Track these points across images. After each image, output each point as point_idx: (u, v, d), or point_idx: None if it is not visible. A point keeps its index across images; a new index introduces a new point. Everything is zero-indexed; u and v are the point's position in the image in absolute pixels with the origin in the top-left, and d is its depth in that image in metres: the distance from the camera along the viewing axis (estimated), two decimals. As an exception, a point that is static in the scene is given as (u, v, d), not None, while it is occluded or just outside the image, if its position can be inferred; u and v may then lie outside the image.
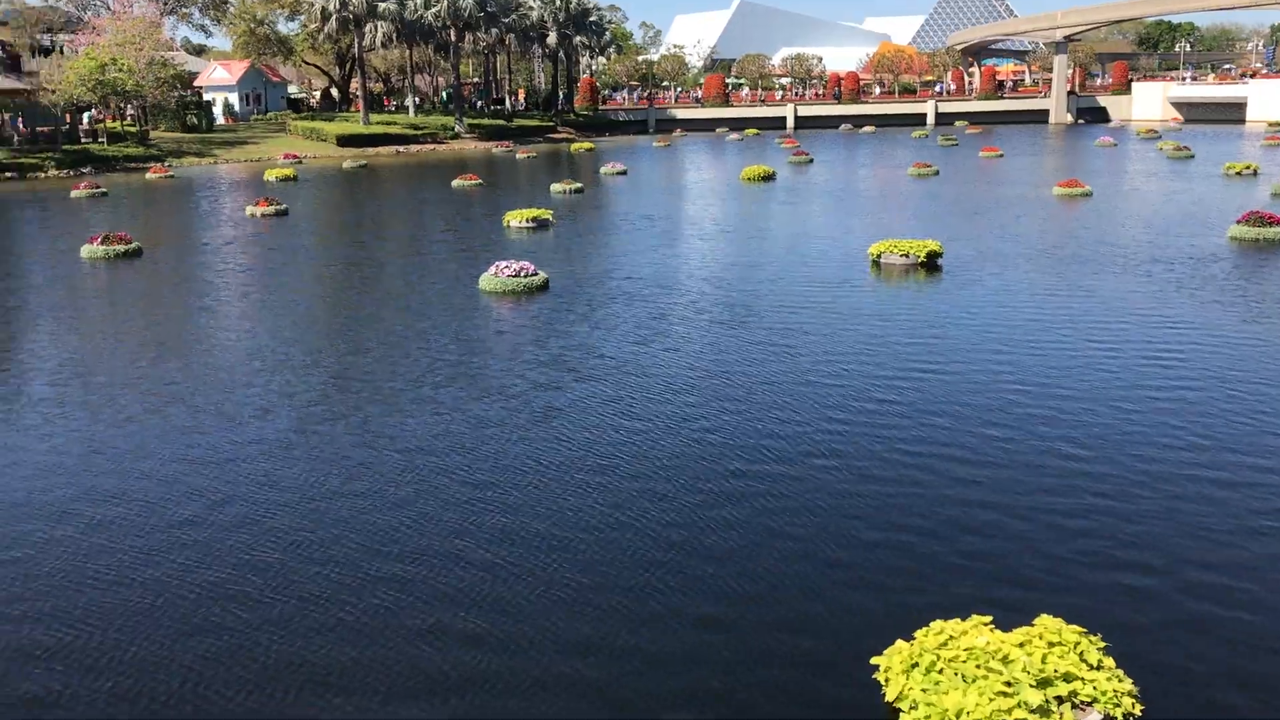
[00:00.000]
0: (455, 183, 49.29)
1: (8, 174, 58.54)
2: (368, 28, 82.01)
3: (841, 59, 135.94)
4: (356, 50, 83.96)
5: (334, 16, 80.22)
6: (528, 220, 33.08)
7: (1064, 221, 32.43)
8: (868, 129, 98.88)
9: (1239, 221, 26.94)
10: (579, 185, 45.86)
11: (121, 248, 28.15)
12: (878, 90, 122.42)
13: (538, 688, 7.35)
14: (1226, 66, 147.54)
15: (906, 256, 23.73)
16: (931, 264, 23.73)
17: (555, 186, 45.55)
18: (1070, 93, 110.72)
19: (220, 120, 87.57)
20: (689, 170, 62.20)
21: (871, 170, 56.61)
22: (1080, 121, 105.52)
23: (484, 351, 17.27)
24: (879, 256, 24.11)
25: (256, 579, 9.06)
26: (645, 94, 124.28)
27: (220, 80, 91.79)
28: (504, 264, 22.38)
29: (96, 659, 7.84)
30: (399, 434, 12.92)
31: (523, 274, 22.04)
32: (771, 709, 7.10)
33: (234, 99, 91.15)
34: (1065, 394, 13.78)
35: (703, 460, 11.72)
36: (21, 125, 67.55)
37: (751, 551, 9.40)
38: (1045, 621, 7.12)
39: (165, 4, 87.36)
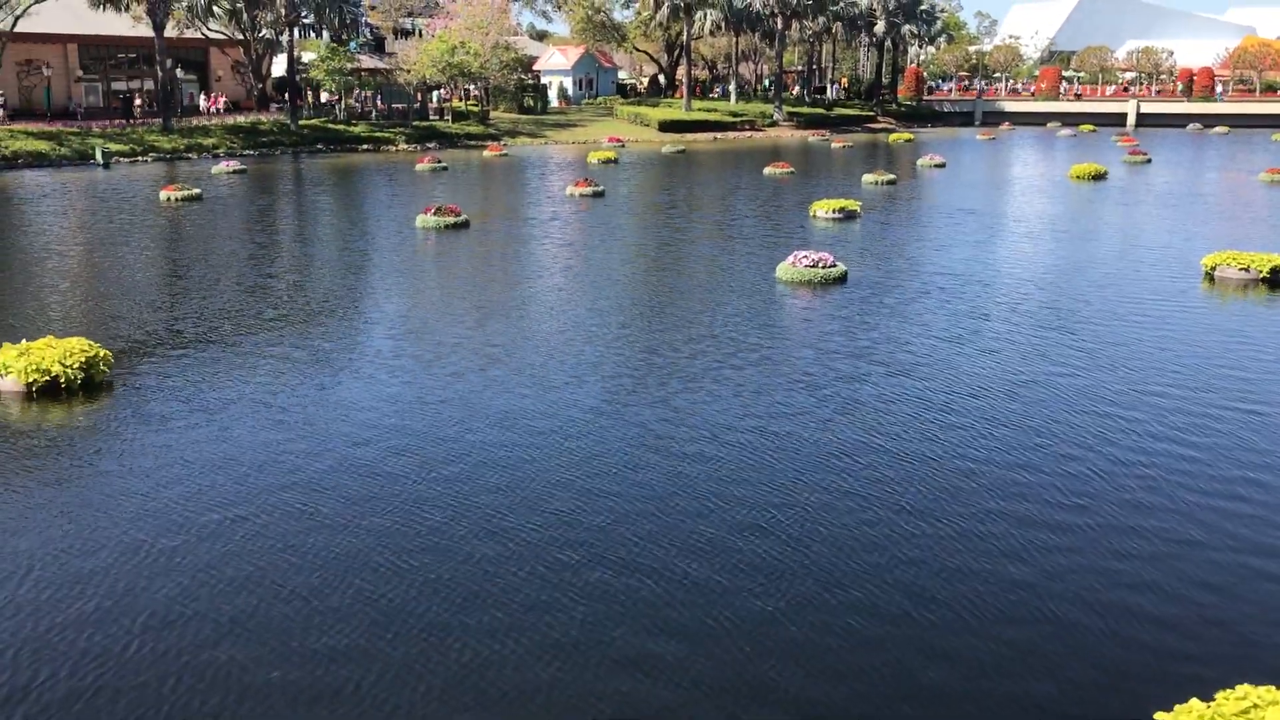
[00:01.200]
0: (767, 170, 49.63)
1: (364, 146, 64.56)
2: (698, 15, 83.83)
3: (1197, 53, 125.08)
4: (685, 37, 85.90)
5: (666, 4, 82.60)
6: (835, 211, 32.90)
7: None
8: (1219, 129, 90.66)
9: None
10: (892, 177, 45.01)
11: (451, 219, 30.44)
12: (1237, 87, 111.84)
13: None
14: None
15: (1246, 270, 21.74)
16: (1276, 280, 21.63)
17: (867, 177, 44.94)
18: None
19: (554, 103, 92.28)
20: (1012, 165, 59.61)
21: (1217, 174, 51.97)
22: None
23: (777, 339, 17.45)
24: (1214, 269, 22.23)
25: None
26: (972, 85, 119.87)
27: (556, 65, 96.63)
28: (803, 254, 22.43)
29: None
30: (695, 409, 13.38)
31: (821, 265, 22.01)
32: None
33: (568, 83, 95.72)
34: None
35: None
36: (380, 102, 74.20)
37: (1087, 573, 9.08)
38: None
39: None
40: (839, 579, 8.82)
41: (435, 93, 78.87)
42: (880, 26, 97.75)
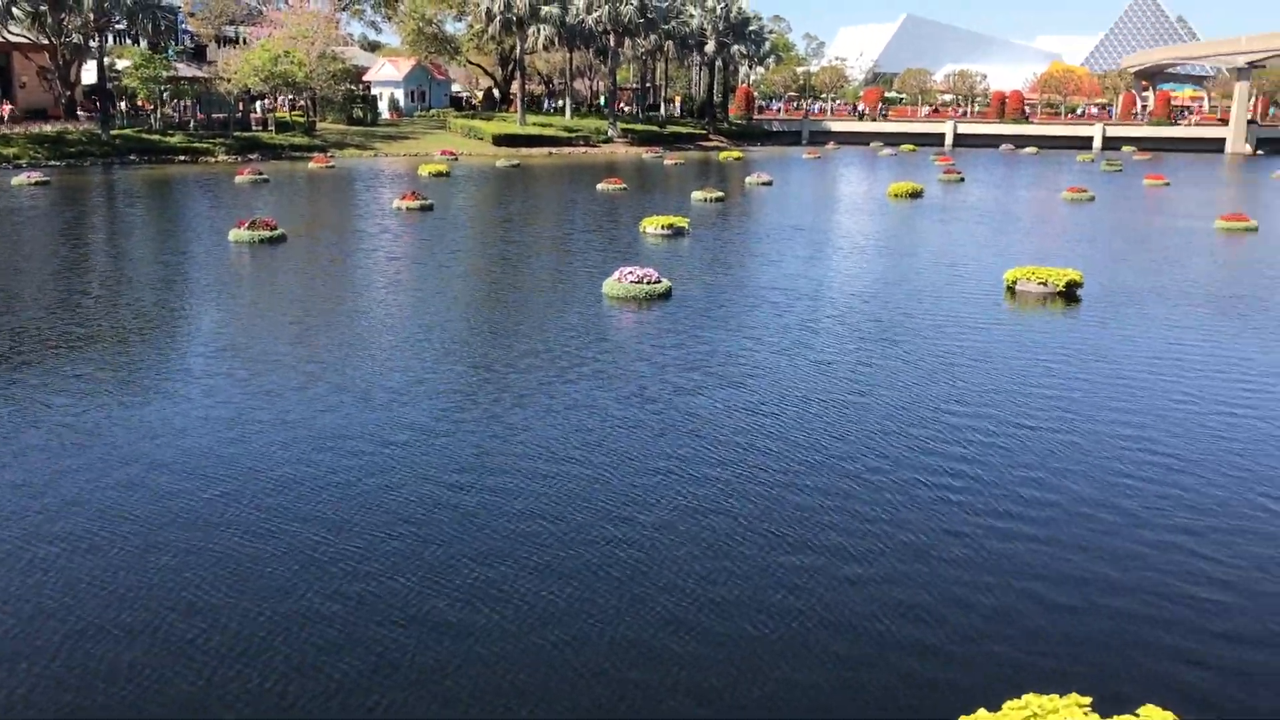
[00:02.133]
0: (600, 186, 49.83)
1: (181, 157, 61.80)
2: (530, 30, 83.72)
3: (1008, 78, 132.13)
4: (518, 51, 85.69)
5: (498, 18, 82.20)
6: (663, 227, 33.19)
7: (1220, 257, 30.80)
8: (1029, 150, 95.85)
9: None
10: (721, 194, 45.78)
11: (266, 233, 29.39)
12: (1044, 111, 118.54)
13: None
14: None
15: (1045, 285, 22.87)
16: (1070, 294, 22.81)
17: (697, 194, 45.59)
18: (1251, 122, 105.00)
19: (385, 115, 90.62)
20: (836, 183, 61.51)
21: (1024, 192, 54.78)
22: (1260, 153, 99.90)
23: (606, 354, 17.38)
24: (1015, 283, 23.31)
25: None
26: (800, 105, 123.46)
27: (388, 76, 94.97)
28: (628, 269, 22.50)
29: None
30: (521, 424, 13.14)
31: (646, 280, 22.11)
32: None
33: (400, 95, 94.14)
34: (1180, 462, 12.98)
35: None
36: (199, 112, 71.36)
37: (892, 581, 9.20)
38: (1151, 714, 6.41)
39: (339, 0, 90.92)
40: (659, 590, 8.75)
41: (259, 103, 76.38)
42: (711, 46, 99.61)
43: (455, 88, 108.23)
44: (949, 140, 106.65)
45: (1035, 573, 9.36)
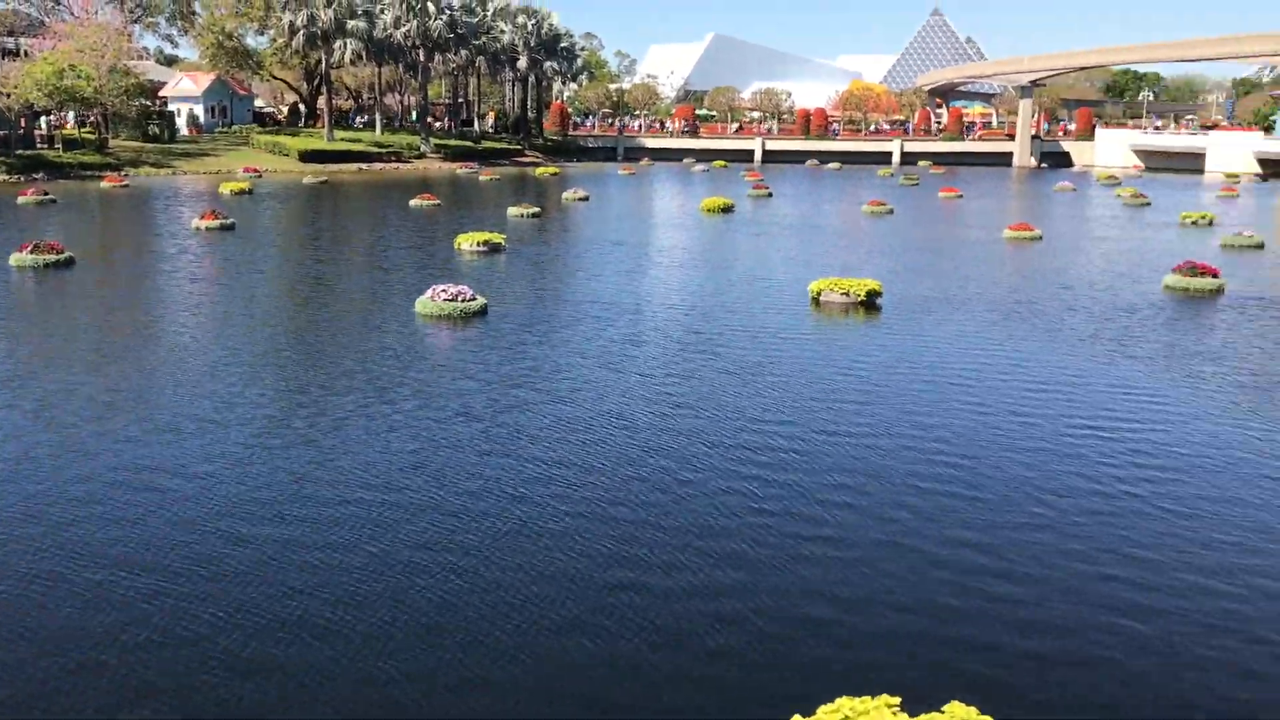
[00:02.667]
0: (413, 202, 49.06)
1: (-44, 176, 57.75)
2: (336, 44, 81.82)
3: (812, 95, 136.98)
4: (324, 66, 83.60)
5: (301, 32, 79.92)
6: (479, 244, 32.89)
7: (1008, 264, 32.69)
8: (833, 165, 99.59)
9: (1174, 271, 27.22)
10: (537, 210, 45.75)
11: (52, 257, 27.67)
12: (846, 127, 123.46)
13: None
14: (1189, 117, 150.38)
15: (846, 295, 23.74)
16: (871, 303, 23.74)
17: (513, 210, 45.43)
18: (1035, 137, 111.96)
19: (184, 131, 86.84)
20: (651, 198, 62.35)
21: (828, 206, 56.73)
22: (1043, 166, 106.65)
23: (424, 373, 17.03)
24: (819, 294, 24.11)
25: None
26: (614, 122, 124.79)
27: (186, 91, 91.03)
28: (441, 287, 22.17)
29: None
30: (340, 447, 12.69)
31: (459, 298, 21.83)
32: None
33: (199, 110, 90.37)
34: (969, 461, 13.70)
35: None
36: (-25, 128, 66.64)
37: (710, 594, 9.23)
38: (955, 709, 6.72)
39: (131, 13, 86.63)
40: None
41: (43, 119, 71.96)
42: (523, 62, 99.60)
43: (259, 103, 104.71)
44: (758, 156, 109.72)
45: (839, 578, 9.66)
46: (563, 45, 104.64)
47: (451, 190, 61.27)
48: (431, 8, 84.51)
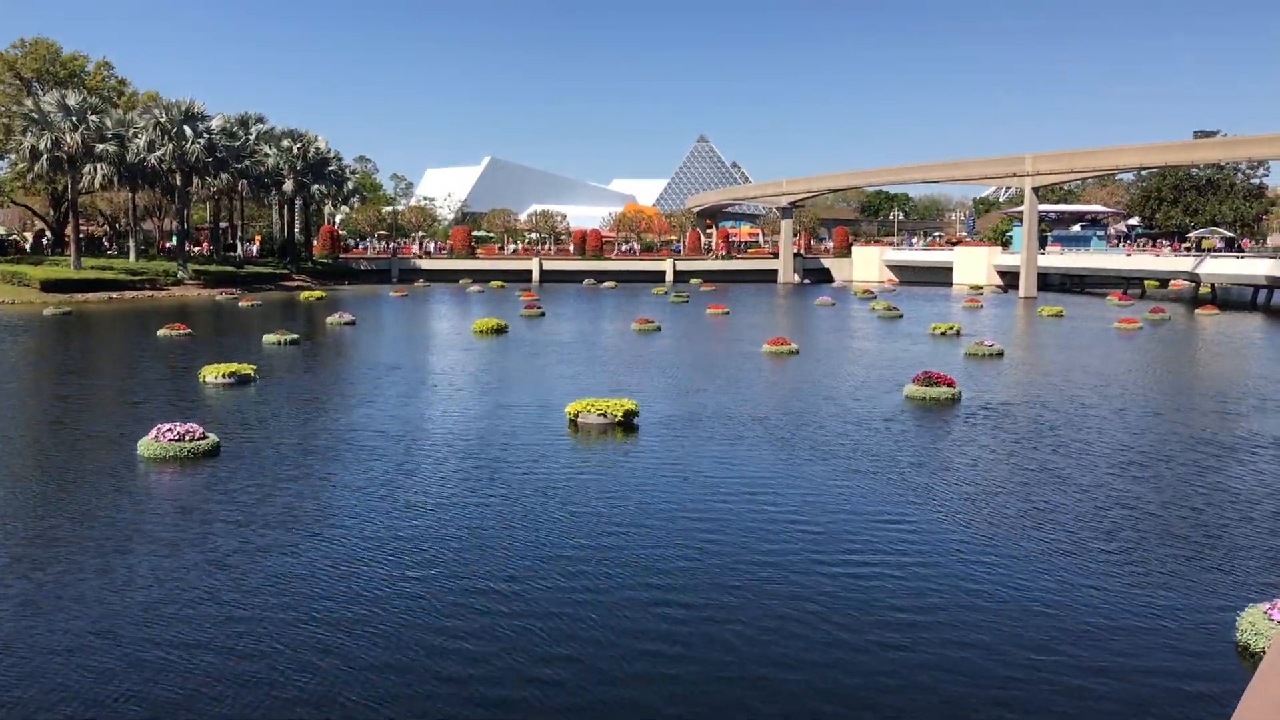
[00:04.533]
0: (161, 332, 46.44)
1: None
2: (86, 169, 77.77)
3: (589, 217, 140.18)
4: (71, 192, 79.15)
5: (45, 156, 75.51)
6: (225, 375, 31.10)
7: (764, 379, 33.44)
8: (609, 284, 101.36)
9: (913, 381, 28.46)
10: (295, 336, 43.97)
11: None
12: (624, 247, 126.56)
13: None
14: (937, 234, 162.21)
15: (604, 416, 23.52)
16: (629, 423, 23.60)
17: (269, 337, 43.54)
18: (797, 254, 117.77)
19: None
20: (422, 321, 61.33)
21: (599, 325, 57.23)
22: (806, 282, 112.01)
23: (155, 521, 15.48)
24: (576, 415, 23.80)
25: None
26: (389, 244, 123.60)
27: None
28: (167, 426, 20.55)
29: None
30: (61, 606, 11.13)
31: (187, 437, 20.28)
32: None
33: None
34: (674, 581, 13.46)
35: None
36: None
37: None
38: None
39: None
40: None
41: None
42: (289, 185, 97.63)
43: (0, 230, 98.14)
44: (536, 276, 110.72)
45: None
46: (330, 169, 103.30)
47: (207, 318, 58.52)
48: (189, 131, 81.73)
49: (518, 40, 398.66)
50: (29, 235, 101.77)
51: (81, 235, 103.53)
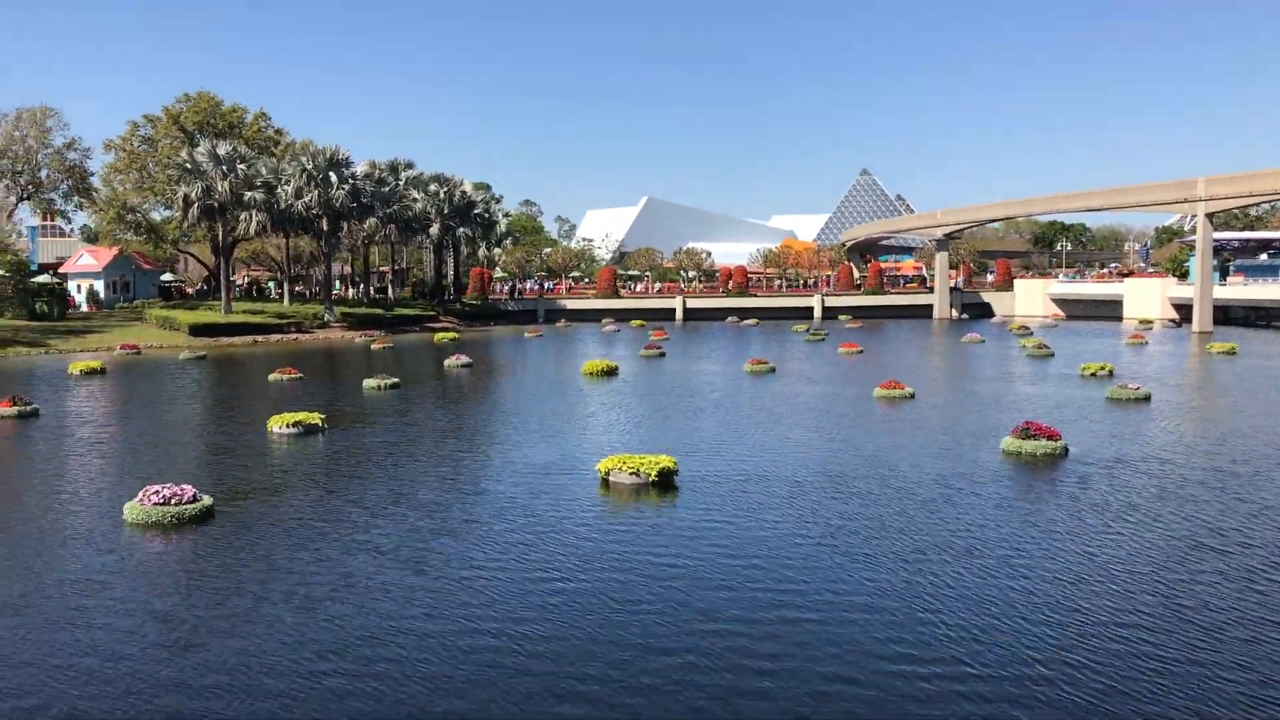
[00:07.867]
0: (272, 376, 46.49)
1: None
2: (241, 216, 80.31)
3: (737, 254, 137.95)
4: (222, 239, 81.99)
5: (197, 204, 78.38)
6: (290, 425, 30.11)
7: (849, 429, 30.09)
8: (750, 322, 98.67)
9: (1011, 434, 24.98)
10: (395, 380, 43.15)
11: None
12: (766, 285, 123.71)
13: None
14: (1112, 265, 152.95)
15: (636, 475, 21.13)
16: (665, 482, 21.13)
17: (369, 382, 42.84)
18: (954, 288, 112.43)
19: (84, 307, 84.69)
20: (541, 363, 59.97)
21: (714, 366, 54.09)
22: (964, 316, 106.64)
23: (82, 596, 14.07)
24: (608, 474, 21.50)
25: None
26: (540, 285, 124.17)
27: (86, 266, 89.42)
28: (155, 488, 19.23)
29: None
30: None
31: (173, 501, 18.88)
32: None
33: (100, 285, 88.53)
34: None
35: None
36: None
37: None
38: None
39: (22, 189, 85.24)
40: None
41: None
42: (435, 229, 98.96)
43: (167, 276, 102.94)
44: (679, 315, 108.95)
45: None
46: (477, 211, 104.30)
47: (331, 361, 58.82)
48: (334, 178, 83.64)
49: (685, 84, 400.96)
50: (196, 281, 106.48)
51: (248, 280, 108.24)
